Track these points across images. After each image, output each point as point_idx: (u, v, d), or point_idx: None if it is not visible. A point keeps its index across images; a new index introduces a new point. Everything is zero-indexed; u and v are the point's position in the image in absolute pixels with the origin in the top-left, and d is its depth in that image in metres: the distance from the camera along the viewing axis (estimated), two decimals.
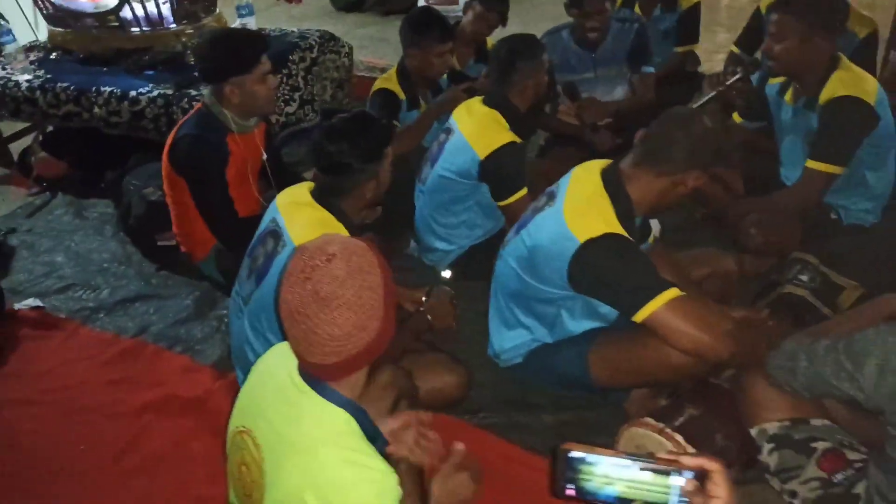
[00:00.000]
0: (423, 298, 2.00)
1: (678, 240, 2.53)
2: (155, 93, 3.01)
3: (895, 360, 1.21)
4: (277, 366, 1.21)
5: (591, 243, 1.63)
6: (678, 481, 0.79)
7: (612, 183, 1.71)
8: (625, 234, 1.66)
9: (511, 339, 1.95)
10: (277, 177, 2.55)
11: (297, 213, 1.72)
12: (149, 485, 1.85)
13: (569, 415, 1.95)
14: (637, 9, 3.37)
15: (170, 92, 2.98)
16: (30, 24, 4.03)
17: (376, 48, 5.31)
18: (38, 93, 3.17)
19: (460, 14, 5.60)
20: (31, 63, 3.37)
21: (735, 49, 3.24)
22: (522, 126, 2.29)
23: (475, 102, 2.35)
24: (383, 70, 3.67)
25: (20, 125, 3.68)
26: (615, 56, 2.99)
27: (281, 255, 1.67)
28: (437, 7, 5.75)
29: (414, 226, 2.56)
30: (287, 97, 3.40)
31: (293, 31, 3.62)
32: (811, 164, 2.21)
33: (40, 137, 3.45)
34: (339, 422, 1.13)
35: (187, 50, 3.24)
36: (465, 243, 2.46)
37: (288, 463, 1.11)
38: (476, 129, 2.26)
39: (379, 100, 2.71)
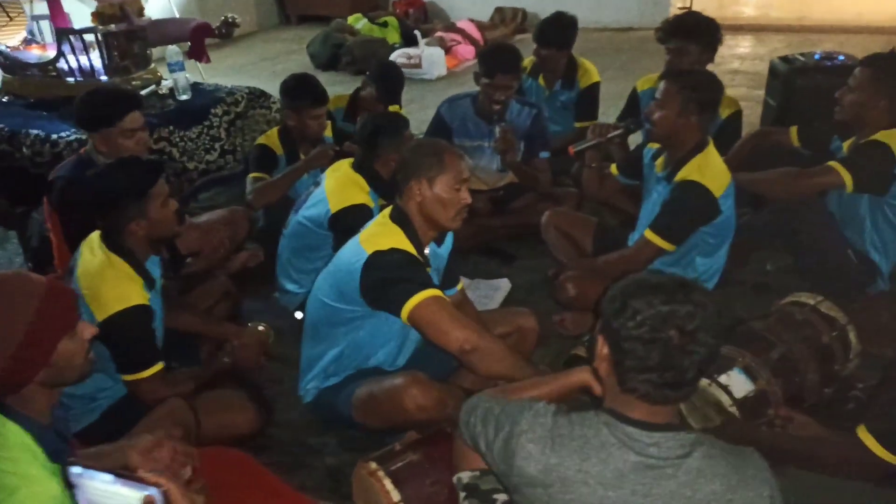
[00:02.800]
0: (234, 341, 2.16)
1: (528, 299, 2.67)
2: (73, 137, 3.28)
3: (517, 440, 1.23)
4: None
5: (378, 253, 1.84)
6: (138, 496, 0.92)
7: (397, 216, 1.93)
8: (413, 252, 1.86)
9: (311, 375, 2.07)
10: None
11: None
12: None
13: (351, 456, 2.03)
14: (541, 80, 3.56)
15: (84, 137, 3.24)
16: None
17: None
18: None
19: (425, 75, 5.99)
20: None
21: None
22: (386, 190, 2.45)
23: (346, 163, 2.55)
24: None
25: None
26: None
27: None
28: (403, 69, 6.12)
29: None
30: (208, 146, 3.66)
31: (224, 87, 3.90)
32: (647, 233, 2.32)
33: None
34: (10, 434, 1.27)
35: None
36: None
37: None
38: (336, 185, 2.46)
39: (256, 154, 2.93)
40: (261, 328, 2.26)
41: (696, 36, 2.86)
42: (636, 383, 1.14)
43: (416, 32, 6.19)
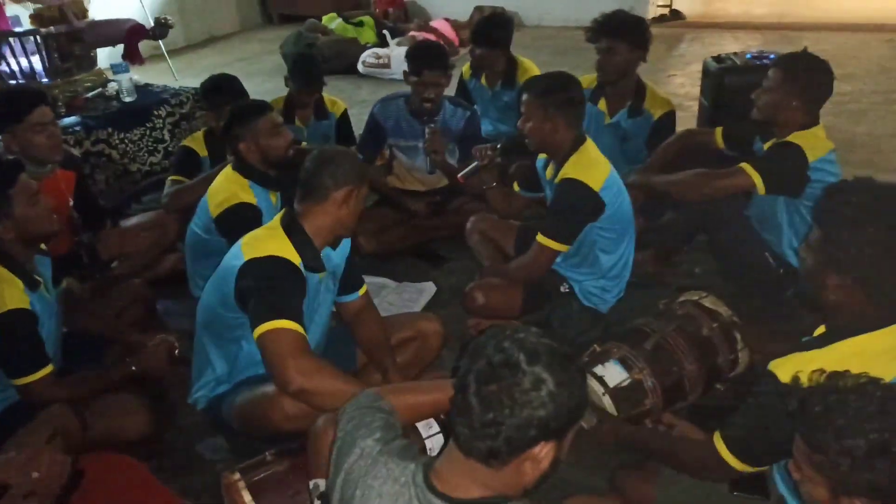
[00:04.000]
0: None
1: None
2: None
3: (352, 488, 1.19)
4: None
5: (253, 261, 1.79)
6: None
7: (288, 222, 1.87)
8: (296, 262, 1.80)
9: (201, 382, 2.05)
10: (87, 221, 2.75)
11: None
12: None
13: (239, 463, 2.01)
14: (483, 79, 3.53)
15: None
16: None
17: None
18: None
19: (394, 75, 5.95)
20: None
21: None
22: (268, 180, 2.42)
23: (228, 166, 2.48)
24: None
25: None
26: (444, 133, 3.07)
27: None
28: (371, 70, 6.10)
29: None
30: (151, 148, 3.66)
31: (171, 88, 3.89)
32: (539, 237, 2.29)
33: None
34: None
35: (58, 102, 3.52)
36: None
37: None
38: (213, 188, 2.42)
39: (178, 156, 2.91)
40: (169, 337, 2.22)
41: (622, 35, 2.82)
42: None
43: (385, 32, 6.17)
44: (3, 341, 1.85)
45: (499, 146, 2.54)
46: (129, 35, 3.36)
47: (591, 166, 2.24)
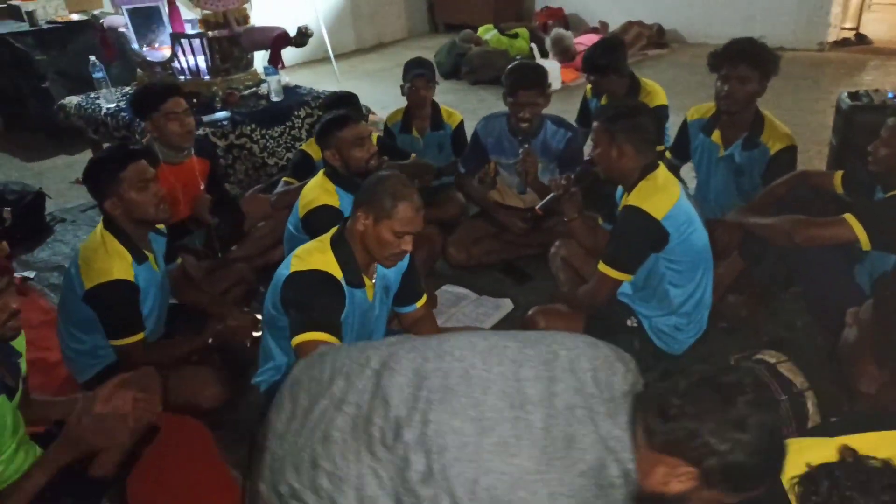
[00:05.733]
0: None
1: None
2: None
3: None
4: None
5: (296, 273, 1.93)
6: None
7: (337, 237, 2.01)
8: (338, 276, 1.93)
9: (263, 368, 2.23)
10: (215, 205, 3.09)
11: None
12: None
13: None
14: (603, 100, 3.46)
15: None
16: None
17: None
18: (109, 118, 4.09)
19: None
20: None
21: None
22: (352, 185, 2.50)
23: (321, 171, 2.68)
24: None
25: None
26: (544, 153, 3.07)
27: None
28: None
29: None
30: (289, 145, 3.99)
31: (314, 91, 4.21)
32: (600, 265, 2.24)
33: None
34: None
35: (215, 98, 3.96)
36: None
37: None
38: (305, 191, 2.62)
39: (295, 159, 3.23)
40: (257, 315, 2.45)
41: (757, 64, 2.63)
42: None
43: (532, 45, 6.19)
44: (106, 306, 2.14)
45: (573, 175, 2.49)
46: (274, 42, 3.70)
47: (656, 194, 2.15)
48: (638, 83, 3.34)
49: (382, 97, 5.88)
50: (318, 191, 2.56)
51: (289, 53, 4.21)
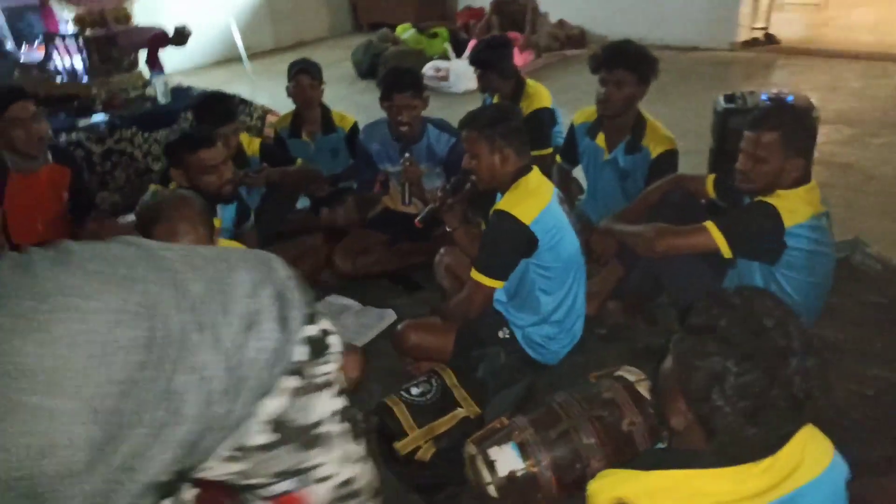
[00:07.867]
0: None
1: None
2: None
3: None
4: None
5: None
6: None
7: None
8: None
9: None
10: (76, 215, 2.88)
11: None
12: None
13: None
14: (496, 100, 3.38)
15: None
16: None
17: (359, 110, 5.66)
18: None
19: (451, 88, 5.89)
20: None
21: None
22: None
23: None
24: None
25: None
26: (429, 158, 2.98)
27: None
28: (430, 83, 6.07)
29: None
30: None
31: (202, 92, 4.01)
32: (472, 272, 2.17)
33: None
34: None
35: (96, 100, 3.73)
36: None
37: None
38: None
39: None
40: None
41: (633, 66, 2.59)
42: None
43: (447, 45, 6.11)
44: None
45: (447, 186, 2.40)
46: (150, 42, 3.50)
47: (526, 198, 2.09)
48: (522, 84, 3.28)
49: None
50: None
51: (201, 52, 4.01)
